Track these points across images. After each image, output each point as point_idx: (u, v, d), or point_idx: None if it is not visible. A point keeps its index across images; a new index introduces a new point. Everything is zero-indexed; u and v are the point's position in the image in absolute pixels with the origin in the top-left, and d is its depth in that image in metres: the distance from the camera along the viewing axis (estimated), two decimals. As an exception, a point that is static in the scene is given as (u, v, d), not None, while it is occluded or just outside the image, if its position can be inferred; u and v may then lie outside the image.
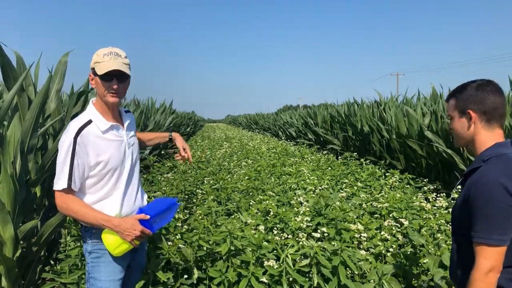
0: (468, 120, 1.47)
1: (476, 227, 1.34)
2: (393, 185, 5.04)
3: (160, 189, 4.60)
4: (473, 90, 1.46)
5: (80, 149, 1.74)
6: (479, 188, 1.34)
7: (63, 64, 3.43)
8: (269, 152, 8.97)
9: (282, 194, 4.32)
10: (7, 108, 2.74)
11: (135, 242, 1.79)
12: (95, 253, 1.86)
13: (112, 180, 1.85)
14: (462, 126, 1.49)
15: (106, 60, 1.80)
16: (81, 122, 1.80)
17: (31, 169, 3.06)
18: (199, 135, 21.12)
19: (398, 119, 7.50)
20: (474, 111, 1.45)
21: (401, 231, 3.04)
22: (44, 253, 3.19)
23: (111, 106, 1.87)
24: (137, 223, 1.78)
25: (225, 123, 65.36)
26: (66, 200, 1.76)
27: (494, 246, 1.31)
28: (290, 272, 2.23)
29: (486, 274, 1.31)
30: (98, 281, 1.84)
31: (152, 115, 10.74)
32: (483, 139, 1.46)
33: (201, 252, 2.49)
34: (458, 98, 1.49)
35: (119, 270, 1.89)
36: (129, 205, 1.93)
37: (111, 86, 1.80)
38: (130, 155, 1.93)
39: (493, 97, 1.43)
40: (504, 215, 1.30)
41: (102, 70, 1.77)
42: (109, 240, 1.78)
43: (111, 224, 1.75)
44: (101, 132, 1.82)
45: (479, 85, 1.46)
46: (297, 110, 21.66)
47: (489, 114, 1.44)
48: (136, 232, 1.76)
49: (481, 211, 1.32)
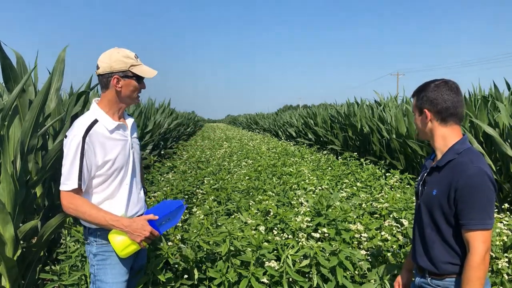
0: (425, 118, 1.60)
1: (470, 214, 1.44)
2: (393, 185, 5.04)
3: (160, 189, 4.59)
4: (429, 91, 1.58)
5: (88, 149, 1.73)
6: (470, 179, 1.44)
7: (61, 61, 3.42)
8: (269, 152, 8.97)
9: (282, 194, 4.32)
10: (8, 109, 2.74)
11: (143, 244, 1.78)
12: (101, 255, 1.84)
13: (118, 179, 1.85)
14: (422, 123, 1.63)
15: (140, 63, 1.84)
16: (87, 121, 1.78)
17: (31, 169, 3.07)
18: (199, 135, 21.12)
19: (398, 119, 7.50)
20: (429, 110, 1.58)
21: (401, 231, 3.04)
22: (44, 253, 3.19)
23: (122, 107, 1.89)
24: (146, 223, 1.77)
25: (225, 123, 65.36)
26: (74, 201, 1.73)
27: (489, 229, 1.44)
28: (289, 272, 2.23)
29: (484, 257, 1.42)
30: (105, 283, 1.83)
31: (151, 116, 10.74)
32: (441, 135, 1.59)
33: (201, 253, 2.49)
34: (417, 97, 1.63)
35: (124, 272, 1.88)
36: (133, 204, 1.93)
37: (142, 89, 1.87)
38: (133, 155, 1.94)
39: (446, 97, 1.55)
40: (492, 200, 1.45)
41: (146, 74, 1.83)
42: (116, 241, 1.76)
43: (121, 224, 1.74)
44: (109, 131, 1.81)
45: (435, 85, 1.58)
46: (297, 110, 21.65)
47: (442, 113, 1.56)
48: (146, 233, 1.75)
49: (474, 200, 1.43)
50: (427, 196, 1.60)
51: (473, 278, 1.42)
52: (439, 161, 1.58)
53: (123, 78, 1.79)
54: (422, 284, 1.64)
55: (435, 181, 1.58)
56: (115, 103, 1.84)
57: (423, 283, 1.63)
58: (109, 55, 1.80)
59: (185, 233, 2.71)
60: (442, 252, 1.55)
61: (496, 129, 5.31)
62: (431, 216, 1.58)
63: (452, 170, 1.51)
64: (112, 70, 1.78)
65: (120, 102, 1.85)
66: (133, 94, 1.85)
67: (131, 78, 1.81)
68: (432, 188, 1.58)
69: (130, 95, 1.83)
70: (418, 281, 1.67)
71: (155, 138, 10.00)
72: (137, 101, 1.90)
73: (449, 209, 1.50)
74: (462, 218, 1.46)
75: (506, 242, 2.77)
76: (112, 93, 1.82)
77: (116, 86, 1.80)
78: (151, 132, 9.55)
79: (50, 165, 3.03)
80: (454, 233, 1.52)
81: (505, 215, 3.33)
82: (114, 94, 1.82)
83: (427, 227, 1.60)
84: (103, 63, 1.79)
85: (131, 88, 1.82)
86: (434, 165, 1.61)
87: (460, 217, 1.47)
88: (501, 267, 2.42)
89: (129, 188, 1.90)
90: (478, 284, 1.41)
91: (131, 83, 1.81)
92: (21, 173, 2.73)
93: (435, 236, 1.57)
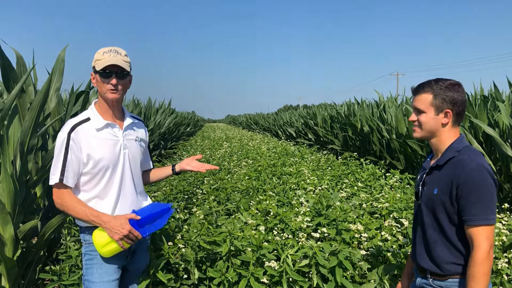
0: (442, 118, 1.56)
1: (473, 211, 1.44)
2: (393, 185, 5.04)
3: (160, 189, 4.59)
4: (450, 91, 1.54)
5: (74, 145, 1.76)
6: (471, 175, 1.45)
7: (61, 61, 3.42)
8: (269, 152, 8.96)
9: (282, 194, 4.31)
10: (8, 109, 2.74)
11: (123, 244, 1.76)
12: (88, 255, 1.86)
13: (104, 179, 1.84)
14: (436, 123, 1.57)
15: (106, 57, 1.81)
16: (78, 119, 1.83)
17: (31, 169, 3.06)
18: (199, 135, 21.11)
19: (398, 119, 7.50)
20: (452, 111, 1.55)
21: (401, 231, 3.04)
22: (44, 253, 3.19)
23: (111, 104, 1.87)
24: (126, 222, 1.75)
25: (225, 123, 65.34)
26: (61, 195, 1.78)
27: (492, 225, 1.44)
28: (289, 272, 2.23)
29: (488, 252, 1.42)
30: (92, 283, 1.83)
31: (152, 115, 10.74)
32: (449, 135, 1.58)
33: (201, 253, 2.49)
34: (436, 95, 1.56)
35: (112, 271, 1.86)
36: (122, 207, 1.89)
37: (110, 82, 1.80)
38: (125, 157, 1.91)
39: (465, 99, 1.56)
40: (493, 196, 1.45)
41: (100, 66, 1.79)
42: (97, 238, 1.77)
43: (100, 220, 1.75)
44: (95, 129, 1.82)
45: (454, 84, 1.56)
46: (297, 110, 21.65)
47: (460, 114, 1.57)
48: (124, 231, 1.73)
49: (476, 195, 1.45)
50: (428, 195, 1.59)
51: (478, 274, 1.41)
52: (439, 160, 1.58)
53: (95, 75, 1.84)
54: (423, 285, 1.63)
55: (436, 180, 1.58)
56: (101, 101, 1.88)
57: (425, 284, 1.62)
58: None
59: (185, 233, 2.72)
60: (444, 252, 1.54)
61: (496, 129, 5.31)
62: (433, 215, 1.57)
63: (452, 167, 1.51)
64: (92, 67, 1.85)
65: (103, 100, 1.87)
66: (101, 89, 1.82)
67: (96, 73, 1.83)
68: (433, 187, 1.57)
69: (101, 90, 1.84)
70: (419, 282, 1.66)
71: (155, 138, 10.01)
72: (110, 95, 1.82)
73: (452, 206, 1.50)
74: (465, 214, 1.46)
75: (505, 242, 2.77)
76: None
77: (93, 83, 1.86)
78: (151, 132, 9.55)
79: (50, 165, 3.02)
80: (457, 232, 1.51)
81: (505, 215, 3.33)
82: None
83: (428, 227, 1.60)
84: None
85: (99, 84, 1.83)
86: (433, 165, 1.60)
87: (463, 213, 1.47)
88: (500, 267, 2.41)
89: (118, 189, 1.88)
90: (483, 280, 1.41)
91: (97, 78, 1.83)
92: (21, 173, 2.73)
93: (437, 236, 1.57)
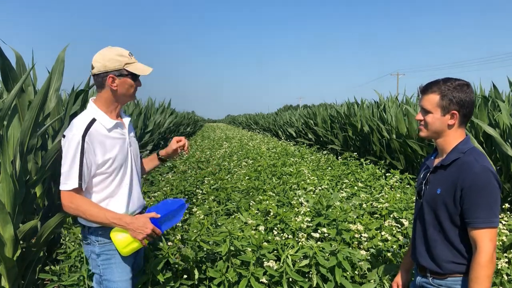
0: (449, 119, 1.54)
1: (476, 213, 1.44)
2: (393, 185, 5.04)
3: (160, 189, 4.59)
4: (458, 92, 1.52)
5: (88, 148, 1.73)
6: (476, 177, 1.44)
7: (61, 61, 3.41)
8: (269, 152, 8.96)
9: (282, 194, 4.31)
10: (7, 109, 2.74)
11: (144, 241, 1.78)
12: (105, 254, 1.84)
13: (118, 178, 1.85)
14: (442, 123, 1.55)
15: (134, 61, 1.84)
16: (86, 120, 1.78)
17: (31, 169, 3.06)
18: (199, 135, 21.11)
19: (398, 119, 7.49)
20: (459, 112, 1.53)
21: (401, 231, 3.04)
22: (44, 253, 3.19)
23: (119, 105, 1.90)
24: (148, 221, 1.77)
25: (225, 123, 65.33)
26: (74, 200, 1.72)
27: (495, 227, 1.44)
28: (289, 272, 2.23)
29: (492, 255, 1.42)
30: (112, 282, 1.84)
31: (151, 115, 10.74)
32: (455, 135, 1.56)
33: (201, 253, 2.49)
34: (443, 96, 1.54)
35: (129, 269, 1.90)
36: (133, 203, 1.94)
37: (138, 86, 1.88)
38: (131, 154, 1.94)
39: (473, 100, 1.54)
40: (497, 199, 1.45)
41: (141, 72, 1.83)
42: (118, 238, 1.76)
43: (123, 222, 1.74)
44: (107, 130, 1.81)
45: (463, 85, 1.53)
46: (297, 110, 21.64)
47: (468, 116, 1.56)
48: (148, 231, 1.75)
49: (480, 198, 1.43)
50: (431, 195, 1.59)
51: (482, 276, 1.42)
52: (444, 160, 1.57)
53: (118, 77, 1.79)
54: (424, 284, 1.63)
55: (439, 179, 1.57)
56: (111, 102, 1.85)
57: (425, 283, 1.62)
58: (103, 55, 1.79)
59: (185, 233, 2.71)
60: (444, 251, 1.54)
61: (496, 129, 5.30)
62: (435, 215, 1.57)
63: (457, 169, 1.51)
64: (107, 69, 1.77)
65: (116, 101, 1.86)
66: (129, 92, 1.84)
67: (126, 76, 1.80)
68: (436, 186, 1.57)
69: (126, 93, 1.84)
70: (419, 281, 1.66)
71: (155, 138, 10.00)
72: (133, 97, 1.93)
73: (454, 207, 1.50)
74: (468, 217, 1.46)
75: (505, 242, 2.76)
76: (108, 92, 1.82)
77: (111, 85, 1.79)
78: (151, 132, 9.55)
79: (50, 164, 3.02)
80: (458, 232, 1.52)
81: (505, 215, 3.33)
82: (110, 93, 1.82)
83: (429, 226, 1.60)
84: (97, 62, 1.78)
85: (126, 86, 1.82)
86: (438, 164, 1.59)
87: (466, 215, 1.46)
88: (500, 267, 2.41)
89: (129, 186, 1.90)
90: (487, 282, 1.42)
91: (127, 81, 1.81)
92: (20, 173, 2.73)
93: (438, 235, 1.57)
